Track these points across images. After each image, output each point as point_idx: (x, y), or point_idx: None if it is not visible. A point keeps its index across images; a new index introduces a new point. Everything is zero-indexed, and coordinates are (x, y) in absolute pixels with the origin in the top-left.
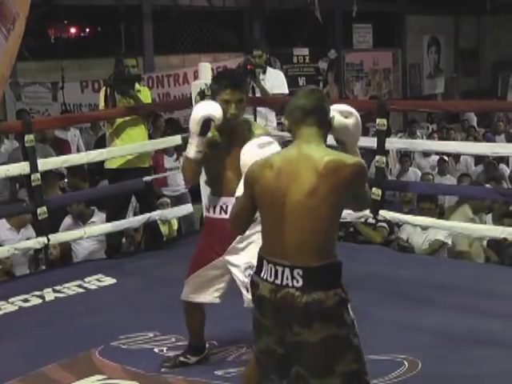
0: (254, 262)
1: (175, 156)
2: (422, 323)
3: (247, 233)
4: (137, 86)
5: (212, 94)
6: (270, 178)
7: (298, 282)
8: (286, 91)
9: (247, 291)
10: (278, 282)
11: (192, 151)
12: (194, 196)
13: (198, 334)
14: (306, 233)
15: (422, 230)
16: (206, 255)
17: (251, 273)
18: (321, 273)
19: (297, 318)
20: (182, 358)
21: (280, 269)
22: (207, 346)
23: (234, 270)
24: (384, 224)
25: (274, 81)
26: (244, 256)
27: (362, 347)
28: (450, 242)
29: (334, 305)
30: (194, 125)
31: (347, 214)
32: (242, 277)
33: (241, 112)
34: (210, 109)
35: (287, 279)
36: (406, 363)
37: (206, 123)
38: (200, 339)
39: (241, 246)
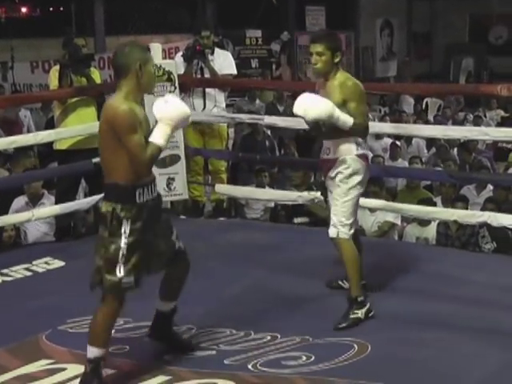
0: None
1: None
2: (372, 306)
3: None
4: None
5: None
6: None
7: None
8: (235, 72)
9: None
10: None
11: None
12: None
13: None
14: (103, 161)
15: (370, 212)
16: None
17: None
18: (105, 189)
19: None
20: (352, 316)
21: None
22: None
23: None
24: None
25: (223, 61)
26: None
27: (120, 254)
28: (399, 222)
29: (106, 213)
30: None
31: (298, 197)
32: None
33: (322, 64)
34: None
35: None
36: (355, 346)
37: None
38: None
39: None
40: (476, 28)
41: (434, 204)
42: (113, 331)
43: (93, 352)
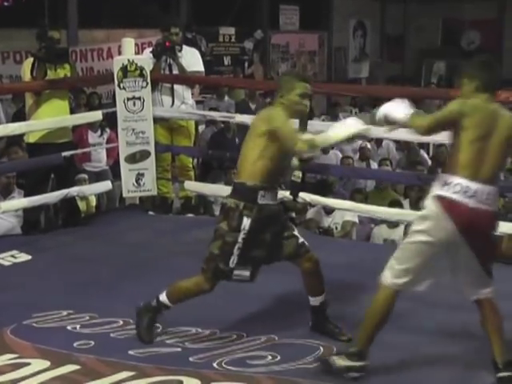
0: None
1: (99, 132)
2: (340, 308)
3: None
4: None
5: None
6: None
7: None
8: (202, 69)
9: None
10: None
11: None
12: (115, 173)
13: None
14: (239, 162)
15: (326, 214)
16: None
17: None
18: (234, 186)
19: None
20: (333, 359)
21: None
22: None
23: None
24: None
25: (191, 58)
26: None
27: (236, 247)
28: (357, 220)
29: (230, 208)
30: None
31: None
32: None
33: None
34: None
35: None
36: (321, 348)
37: None
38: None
39: None
40: (448, 32)
41: (402, 206)
42: (78, 326)
43: (163, 297)
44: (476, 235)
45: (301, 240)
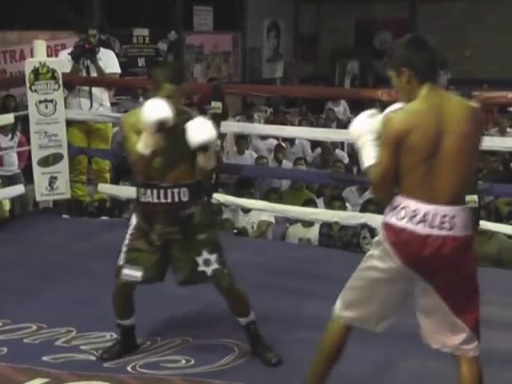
0: None
1: (10, 135)
2: (255, 310)
3: None
4: None
5: None
6: None
7: None
8: (119, 71)
9: None
10: None
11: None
12: (27, 176)
13: None
14: None
15: (243, 213)
16: None
17: None
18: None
19: None
20: None
21: None
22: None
23: None
24: None
25: (108, 60)
26: None
27: (124, 243)
28: (273, 220)
29: None
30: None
31: None
32: None
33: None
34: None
35: None
36: (236, 349)
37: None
38: None
39: None
40: (361, 32)
41: (316, 205)
42: None
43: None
44: (434, 270)
45: (201, 268)
